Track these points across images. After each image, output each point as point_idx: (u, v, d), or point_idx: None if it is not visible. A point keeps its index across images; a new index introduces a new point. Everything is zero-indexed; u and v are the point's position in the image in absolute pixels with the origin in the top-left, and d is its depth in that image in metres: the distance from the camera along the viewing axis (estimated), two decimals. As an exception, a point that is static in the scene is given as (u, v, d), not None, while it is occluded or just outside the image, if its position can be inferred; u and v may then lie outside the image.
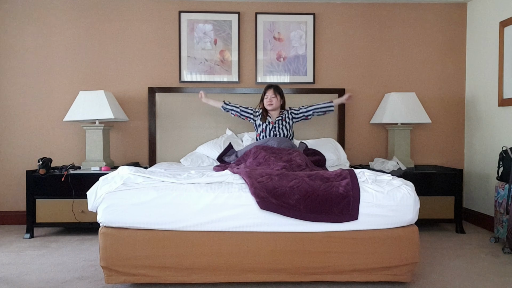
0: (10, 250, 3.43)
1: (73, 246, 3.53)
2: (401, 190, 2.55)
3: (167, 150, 4.35)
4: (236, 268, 2.51)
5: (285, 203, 2.44)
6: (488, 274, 2.85)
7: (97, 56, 4.42)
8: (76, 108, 3.98)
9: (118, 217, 2.48)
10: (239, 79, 4.48)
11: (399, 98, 4.19)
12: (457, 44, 4.58)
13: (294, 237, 2.49)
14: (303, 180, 2.57)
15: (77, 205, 3.80)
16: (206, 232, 2.50)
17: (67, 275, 2.82)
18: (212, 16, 4.44)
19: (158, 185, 2.56)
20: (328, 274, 2.54)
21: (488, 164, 4.17)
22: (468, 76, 4.55)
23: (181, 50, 4.44)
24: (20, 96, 4.37)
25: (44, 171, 3.80)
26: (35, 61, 4.38)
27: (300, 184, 2.53)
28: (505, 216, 3.38)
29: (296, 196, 2.47)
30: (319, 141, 4.17)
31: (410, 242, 2.53)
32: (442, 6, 4.55)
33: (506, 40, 3.88)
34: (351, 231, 2.52)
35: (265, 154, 3.25)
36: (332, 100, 3.99)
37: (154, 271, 2.50)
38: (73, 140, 4.40)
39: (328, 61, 4.54)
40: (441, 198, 3.96)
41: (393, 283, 2.66)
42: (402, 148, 4.27)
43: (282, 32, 4.50)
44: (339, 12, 4.53)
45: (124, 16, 4.43)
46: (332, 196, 2.47)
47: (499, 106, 3.98)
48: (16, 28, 4.36)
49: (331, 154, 3.95)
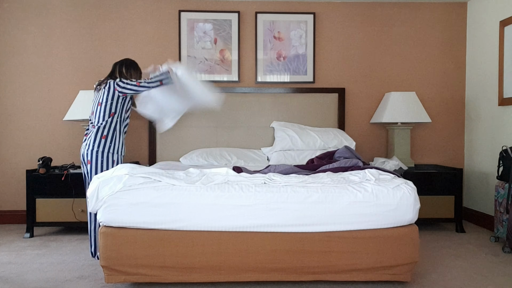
0: (10, 250, 3.43)
1: (73, 246, 3.54)
2: (401, 190, 2.55)
3: (167, 149, 4.35)
4: (236, 267, 2.51)
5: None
6: (488, 273, 2.85)
7: (97, 55, 4.42)
8: (76, 108, 3.98)
9: (118, 217, 2.48)
10: (239, 79, 4.48)
11: (399, 98, 4.18)
12: (457, 43, 4.58)
13: (294, 237, 2.50)
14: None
15: (77, 205, 3.80)
16: (206, 232, 2.50)
17: (67, 275, 2.82)
18: (212, 16, 4.44)
19: (158, 185, 2.56)
20: (328, 273, 2.54)
21: (488, 164, 4.16)
22: (468, 75, 4.55)
23: (181, 49, 4.44)
24: (20, 96, 4.37)
25: (44, 171, 3.80)
26: (35, 61, 4.38)
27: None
28: (505, 216, 3.38)
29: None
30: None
31: (410, 242, 2.54)
32: (442, 6, 4.54)
33: (506, 40, 3.88)
34: (351, 230, 2.52)
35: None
36: None
37: (154, 270, 2.50)
38: (73, 139, 4.40)
39: (328, 61, 4.54)
40: (441, 197, 3.96)
41: (393, 283, 2.66)
42: (402, 147, 4.27)
43: (282, 32, 4.49)
44: (339, 12, 4.53)
45: (124, 16, 4.42)
46: None
47: (499, 106, 3.98)
48: (16, 28, 4.36)
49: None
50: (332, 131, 4.18)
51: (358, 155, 3.53)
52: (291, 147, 4.05)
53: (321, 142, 4.05)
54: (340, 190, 2.54)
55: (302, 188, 2.55)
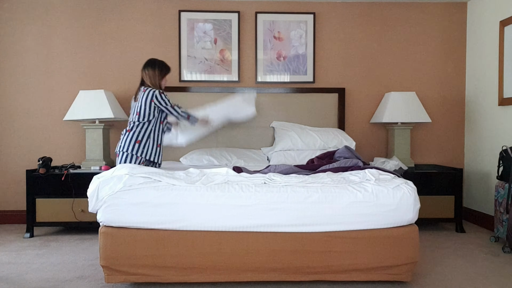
0: (10, 250, 3.43)
1: (73, 246, 3.54)
2: (401, 190, 2.55)
3: (167, 149, 4.34)
4: (236, 267, 2.51)
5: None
6: (488, 273, 2.85)
7: (97, 55, 4.42)
8: (76, 108, 3.98)
9: (118, 217, 2.48)
10: (239, 79, 4.48)
11: (399, 98, 4.18)
12: (457, 43, 4.58)
13: (294, 237, 2.50)
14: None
15: (77, 205, 3.80)
16: (206, 232, 2.50)
17: (67, 275, 2.82)
18: (212, 16, 4.44)
19: (158, 184, 2.56)
20: (328, 273, 2.54)
21: (488, 163, 4.16)
22: (468, 75, 4.55)
23: (181, 49, 4.44)
24: (20, 96, 4.37)
25: (44, 171, 3.80)
26: (36, 61, 4.38)
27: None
28: (505, 216, 3.38)
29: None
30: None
31: (410, 242, 2.54)
32: (442, 6, 4.54)
33: (506, 40, 3.88)
34: (351, 230, 2.52)
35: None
36: None
37: (154, 270, 2.50)
38: (73, 139, 4.40)
39: (328, 61, 4.54)
40: (441, 197, 3.96)
41: (393, 283, 2.66)
42: (402, 147, 4.27)
43: (282, 32, 4.49)
44: (339, 12, 4.53)
45: (124, 16, 4.42)
46: None
47: (499, 105, 3.98)
48: (16, 28, 4.36)
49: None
50: (332, 131, 4.17)
51: (358, 155, 3.53)
52: (291, 147, 4.05)
53: (321, 142, 4.05)
54: (340, 190, 2.54)
55: (302, 188, 2.55)
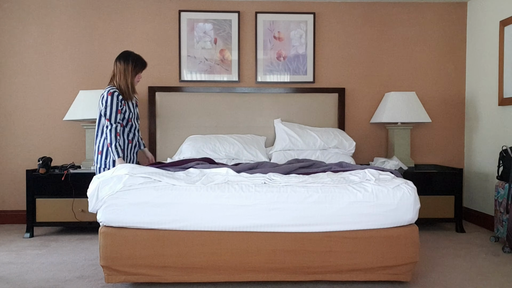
0: (10, 250, 3.43)
1: (73, 245, 3.54)
2: (401, 190, 2.55)
3: (167, 149, 4.35)
4: (236, 267, 2.51)
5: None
6: (488, 273, 2.85)
7: (97, 55, 4.42)
8: (76, 107, 3.98)
9: (118, 217, 2.48)
10: (239, 79, 4.48)
11: (399, 98, 4.18)
12: (457, 43, 4.58)
13: (294, 237, 2.50)
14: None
15: (77, 204, 3.80)
16: (206, 232, 2.50)
17: (67, 275, 2.83)
18: (212, 16, 4.44)
19: (158, 184, 2.56)
20: (328, 273, 2.55)
21: (488, 163, 4.16)
22: (468, 75, 4.55)
23: (181, 49, 4.44)
24: (20, 96, 4.37)
25: (44, 171, 3.80)
26: (35, 61, 4.38)
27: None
28: (505, 216, 3.38)
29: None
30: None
31: (410, 242, 2.54)
32: (442, 6, 4.54)
33: (506, 39, 3.88)
34: (351, 230, 2.52)
35: None
36: None
37: (154, 270, 2.50)
38: (73, 139, 4.40)
39: (328, 61, 4.54)
40: (441, 197, 3.96)
41: (393, 283, 2.66)
42: (402, 147, 4.27)
43: (282, 32, 4.49)
44: (339, 12, 4.53)
45: (124, 16, 4.42)
46: None
47: (499, 105, 3.98)
48: (16, 27, 4.36)
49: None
50: (332, 131, 4.17)
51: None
52: (291, 147, 4.05)
53: (321, 142, 4.05)
54: (340, 190, 2.54)
55: (302, 188, 2.55)
